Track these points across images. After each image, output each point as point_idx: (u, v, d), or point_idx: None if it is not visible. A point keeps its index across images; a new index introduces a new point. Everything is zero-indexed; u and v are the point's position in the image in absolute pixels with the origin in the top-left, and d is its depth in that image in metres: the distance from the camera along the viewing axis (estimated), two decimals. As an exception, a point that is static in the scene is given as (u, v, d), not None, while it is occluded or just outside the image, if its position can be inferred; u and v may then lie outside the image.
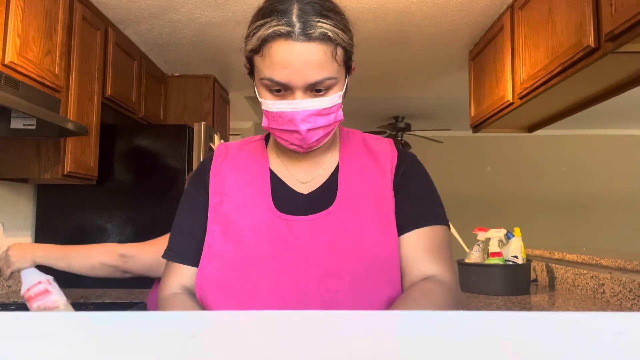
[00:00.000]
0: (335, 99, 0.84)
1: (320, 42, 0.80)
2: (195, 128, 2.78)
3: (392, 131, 5.64)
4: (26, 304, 1.32)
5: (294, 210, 0.89)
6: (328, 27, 0.80)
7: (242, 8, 2.65)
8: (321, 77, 0.81)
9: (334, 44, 0.82)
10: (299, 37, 0.79)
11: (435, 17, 2.78)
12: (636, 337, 0.36)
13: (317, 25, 0.80)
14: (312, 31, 0.79)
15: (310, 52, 0.80)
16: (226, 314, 0.52)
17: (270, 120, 0.87)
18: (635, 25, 1.55)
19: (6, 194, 2.45)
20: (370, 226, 0.87)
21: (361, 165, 0.94)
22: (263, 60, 0.83)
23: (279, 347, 0.34)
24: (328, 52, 0.81)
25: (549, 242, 5.92)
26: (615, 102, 2.71)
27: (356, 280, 0.84)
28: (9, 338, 0.37)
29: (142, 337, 0.37)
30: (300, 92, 0.82)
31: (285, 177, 0.94)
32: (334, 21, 0.82)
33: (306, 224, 0.87)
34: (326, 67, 0.81)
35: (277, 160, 0.96)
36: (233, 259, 0.87)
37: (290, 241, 0.86)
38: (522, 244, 2.21)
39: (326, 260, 0.85)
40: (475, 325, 0.41)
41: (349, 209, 0.88)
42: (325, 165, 0.95)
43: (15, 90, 1.89)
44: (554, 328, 0.39)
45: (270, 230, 0.88)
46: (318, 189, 0.92)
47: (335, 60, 0.82)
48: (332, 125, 0.87)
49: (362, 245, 0.86)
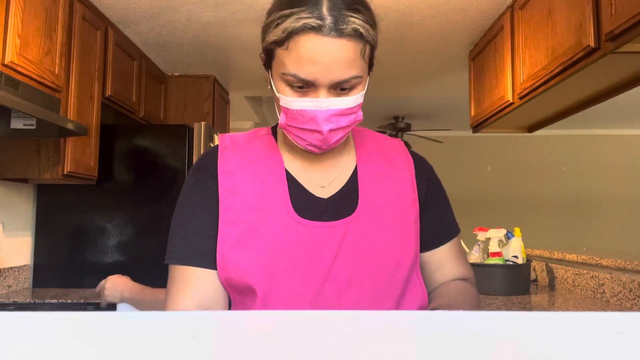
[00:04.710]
0: (358, 99, 0.80)
1: (351, 39, 0.75)
2: (195, 128, 2.78)
3: (392, 131, 5.63)
4: (26, 304, 1.33)
5: (315, 216, 0.84)
6: (360, 23, 0.75)
7: (242, 8, 2.65)
8: (348, 75, 0.76)
9: (364, 42, 0.77)
10: (330, 32, 0.73)
11: (435, 17, 2.77)
12: (636, 337, 0.36)
13: (350, 20, 0.74)
14: (345, 27, 0.74)
15: (341, 49, 0.74)
16: (227, 314, 0.52)
17: (289, 118, 0.80)
18: (635, 25, 1.55)
19: (6, 194, 2.45)
20: (391, 236, 0.85)
21: (379, 170, 0.90)
22: (288, 53, 0.76)
23: (280, 347, 0.34)
24: (358, 49, 0.76)
25: (549, 242, 5.92)
26: (615, 102, 2.71)
27: (377, 290, 0.83)
28: (9, 338, 0.37)
29: (143, 337, 0.37)
30: (325, 90, 0.77)
31: (302, 178, 0.88)
32: (365, 16, 0.77)
33: (328, 231, 0.83)
34: (354, 66, 0.76)
35: (291, 160, 0.89)
36: (252, 268, 0.80)
37: (313, 249, 0.81)
38: (522, 244, 2.21)
39: (348, 270, 0.81)
40: (476, 325, 0.41)
41: (370, 217, 0.85)
42: (342, 167, 0.90)
43: (15, 90, 1.89)
44: (554, 328, 0.39)
45: (292, 237, 0.82)
46: (338, 194, 0.87)
47: (363, 59, 0.78)
48: (352, 125, 0.82)
49: (383, 255, 0.84)
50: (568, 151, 6.33)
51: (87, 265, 2.64)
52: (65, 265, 2.64)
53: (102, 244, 2.66)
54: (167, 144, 2.74)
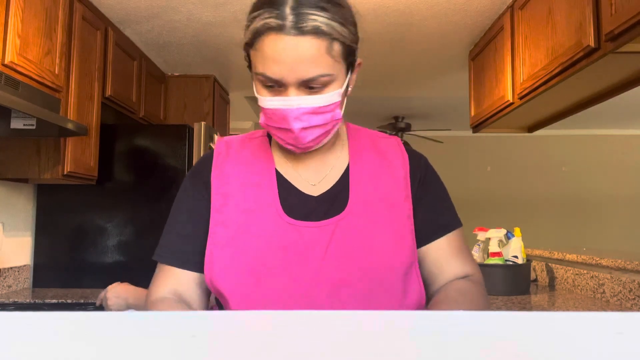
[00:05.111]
0: (332, 97, 0.79)
1: (313, 37, 0.75)
2: (195, 128, 2.78)
3: (392, 131, 5.64)
4: (26, 304, 1.32)
5: (304, 215, 0.85)
6: (323, 21, 0.75)
7: (242, 8, 2.65)
8: (315, 73, 0.76)
9: (330, 39, 0.76)
10: (290, 31, 0.74)
11: (435, 17, 2.78)
12: (636, 337, 0.36)
13: (311, 18, 0.75)
14: (305, 25, 0.74)
15: (303, 47, 0.75)
16: (226, 314, 0.52)
17: (267, 118, 0.82)
18: (635, 25, 1.55)
19: (6, 194, 2.45)
20: (383, 235, 0.84)
21: (372, 168, 0.90)
22: (256, 54, 0.79)
23: (279, 347, 0.34)
24: (322, 47, 0.76)
25: (549, 242, 5.92)
26: (615, 102, 2.71)
27: (368, 290, 0.81)
28: (9, 338, 0.37)
29: (143, 338, 0.37)
30: (294, 88, 0.78)
31: (292, 178, 0.89)
32: (331, 13, 0.76)
33: (317, 231, 0.83)
34: (320, 63, 0.76)
35: (283, 159, 0.90)
36: (239, 269, 0.82)
37: (301, 250, 0.82)
38: (522, 244, 2.21)
39: (337, 270, 0.81)
40: (476, 325, 0.41)
41: (361, 215, 0.84)
42: (334, 165, 0.90)
43: (15, 90, 1.89)
44: (554, 328, 0.39)
45: (279, 238, 0.82)
46: (328, 192, 0.87)
47: (331, 56, 0.77)
48: (329, 124, 0.82)
49: (374, 255, 0.82)
50: (568, 151, 6.33)
51: (87, 265, 2.64)
52: (65, 265, 2.64)
53: (102, 244, 2.66)
54: (167, 144, 2.74)
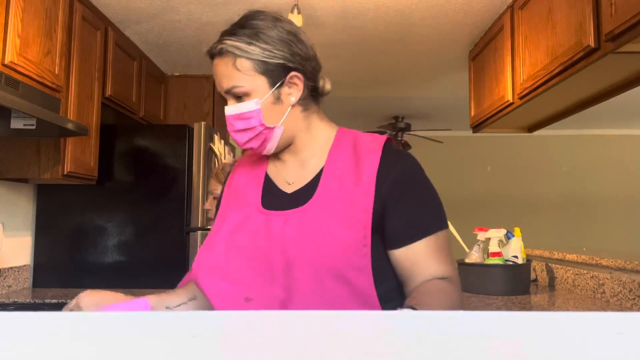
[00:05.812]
0: (249, 105, 0.95)
1: (223, 57, 0.95)
2: (195, 128, 2.78)
3: (392, 131, 5.64)
4: (26, 304, 1.31)
5: (276, 207, 0.99)
6: (228, 43, 0.94)
7: (242, 8, 2.64)
8: (228, 85, 0.95)
9: (233, 57, 0.94)
10: (213, 55, 0.97)
11: (435, 17, 2.78)
12: (636, 337, 0.36)
13: (222, 43, 0.95)
14: (217, 47, 0.96)
15: (218, 65, 0.96)
16: (226, 314, 0.52)
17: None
18: (635, 25, 1.55)
19: (6, 194, 2.45)
20: (337, 227, 0.92)
21: (343, 167, 0.99)
22: None
23: (278, 347, 0.34)
24: (229, 64, 0.94)
25: (549, 242, 5.92)
26: (615, 102, 2.70)
27: (317, 272, 0.90)
28: (9, 338, 0.37)
29: (143, 337, 0.37)
30: (230, 98, 0.97)
31: (275, 178, 1.05)
32: (238, 36, 0.94)
33: (280, 218, 0.96)
34: (232, 78, 0.95)
35: (272, 163, 1.07)
36: (222, 247, 0.99)
37: (263, 233, 0.96)
38: (522, 244, 2.21)
39: (290, 250, 0.92)
40: (476, 325, 0.41)
41: (321, 209, 0.95)
42: (310, 168, 1.02)
43: (15, 90, 1.89)
44: (554, 328, 0.39)
45: (250, 223, 0.99)
46: (300, 189, 1.00)
47: (238, 70, 0.94)
48: (256, 129, 0.96)
49: (325, 242, 0.92)
50: (568, 151, 6.32)
51: (87, 265, 2.64)
52: (65, 265, 2.64)
53: (102, 244, 2.66)
54: (167, 144, 2.74)
